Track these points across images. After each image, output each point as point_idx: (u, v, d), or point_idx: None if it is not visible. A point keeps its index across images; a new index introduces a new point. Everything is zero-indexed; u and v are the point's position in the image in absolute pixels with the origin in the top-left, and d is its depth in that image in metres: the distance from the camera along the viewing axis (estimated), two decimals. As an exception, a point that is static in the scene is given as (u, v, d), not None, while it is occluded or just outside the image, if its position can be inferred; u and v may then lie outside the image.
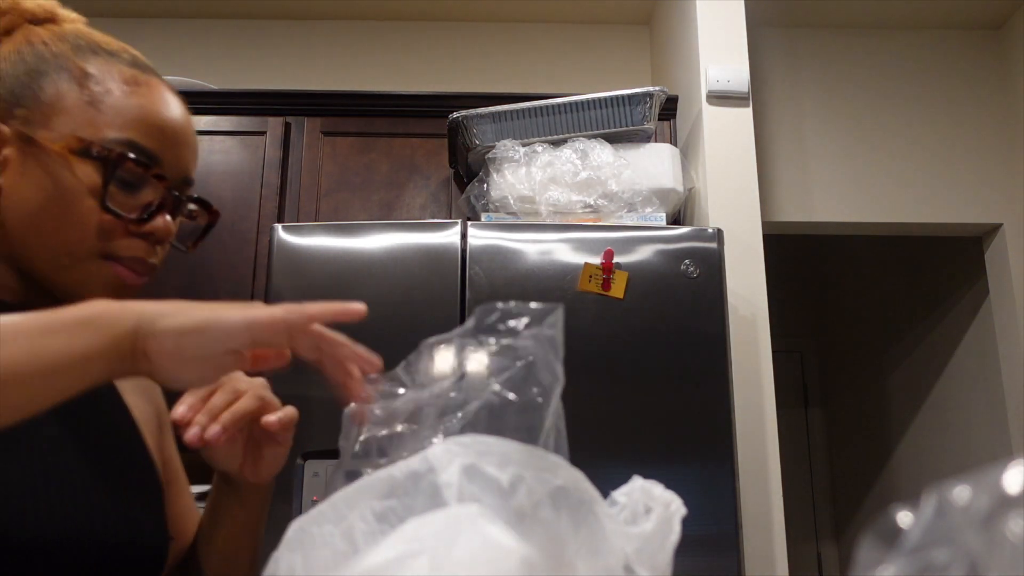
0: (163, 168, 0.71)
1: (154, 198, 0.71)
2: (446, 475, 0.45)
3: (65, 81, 0.70)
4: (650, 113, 2.27)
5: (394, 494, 0.46)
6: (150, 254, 0.72)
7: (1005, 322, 2.95)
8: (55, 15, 0.76)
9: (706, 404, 1.85)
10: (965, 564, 0.27)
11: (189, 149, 0.75)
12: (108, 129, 0.69)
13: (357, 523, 0.46)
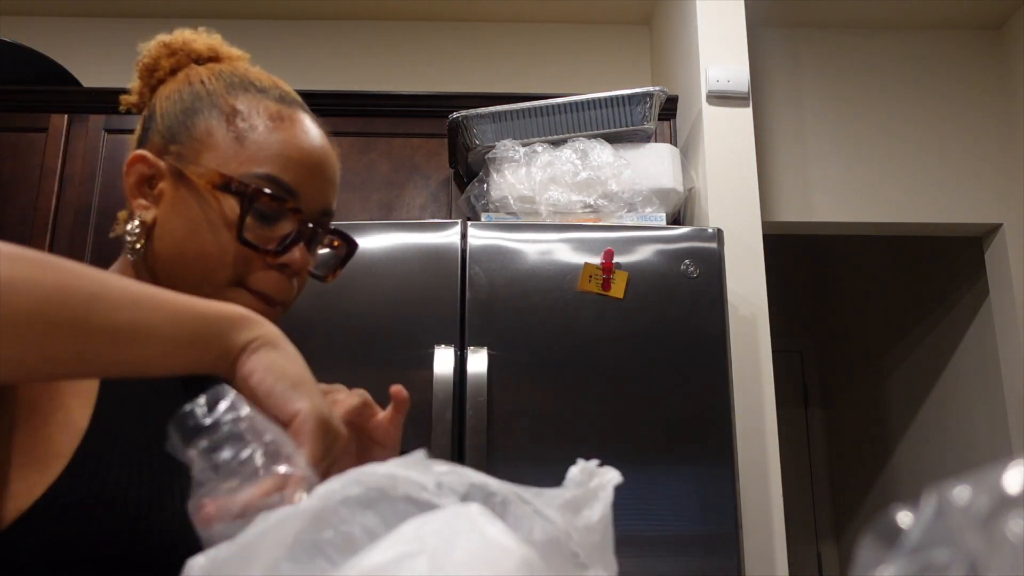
0: (300, 201, 0.73)
1: (291, 230, 0.73)
2: (399, 488, 0.44)
3: (215, 118, 0.74)
4: (650, 113, 2.27)
5: (327, 524, 0.43)
6: (282, 289, 0.74)
7: (1005, 322, 2.95)
8: (218, 53, 0.84)
9: (706, 404, 1.85)
10: (965, 564, 0.27)
11: (328, 181, 0.76)
12: (249, 164, 0.72)
13: (284, 564, 0.42)
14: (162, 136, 0.76)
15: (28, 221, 2.38)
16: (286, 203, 0.72)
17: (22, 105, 2.48)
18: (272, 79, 0.81)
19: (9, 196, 2.41)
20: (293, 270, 0.73)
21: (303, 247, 0.74)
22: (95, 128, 2.45)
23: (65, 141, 2.45)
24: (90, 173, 2.41)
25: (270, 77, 0.82)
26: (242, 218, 0.70)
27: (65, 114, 2.47)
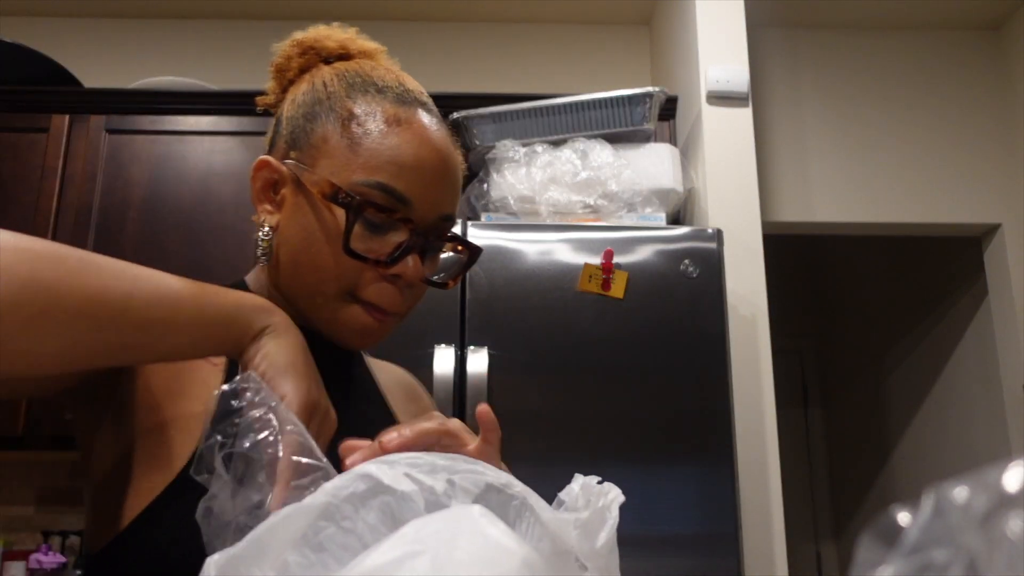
0: (413, 209, 0.71)
1: (403, 240, 0.71)
2: (402, 485, 0.44)
3: (332, 123, 0.73)
4: (650, 113, 2.27)
5: (331, 520, 0.44)
6: (395, 301, 0.72)
7: (1004, 322, 2.95)
8: (349, 50, 0.82)
9: (706, 404, 1.85)
10: (964, 564, 0.27)
11: (445, 187, 0.73)
12: (361, 172, 0.70)
13: (293, 559, 0.43)
14: (285, 141, 0.77)
15: (29, 221, 2.38)
16: (395, 213, 0.70)
17: (23, 105, 2.49)
18: (397, 76, 0.78)
19: (10, 196, 2.41)
20: (406, 280, 0.71)
21: (416, 257, 0.71)
22: (96, 128, 2.45)
23: (66, 141, 2.45)
24: (91, 173, 2.41)
25: (395, 74, 0.79)
26: (348, 229, 0.69)
27: (66, 114, 2.47)
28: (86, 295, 0.53)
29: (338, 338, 0.73)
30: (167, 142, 2.46)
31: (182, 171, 2.43)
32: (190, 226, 2.37)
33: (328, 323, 0.72)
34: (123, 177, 2.42)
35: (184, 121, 2.48)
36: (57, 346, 0.52)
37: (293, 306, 0.73)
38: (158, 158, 2.44)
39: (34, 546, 2.46)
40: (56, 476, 2.60)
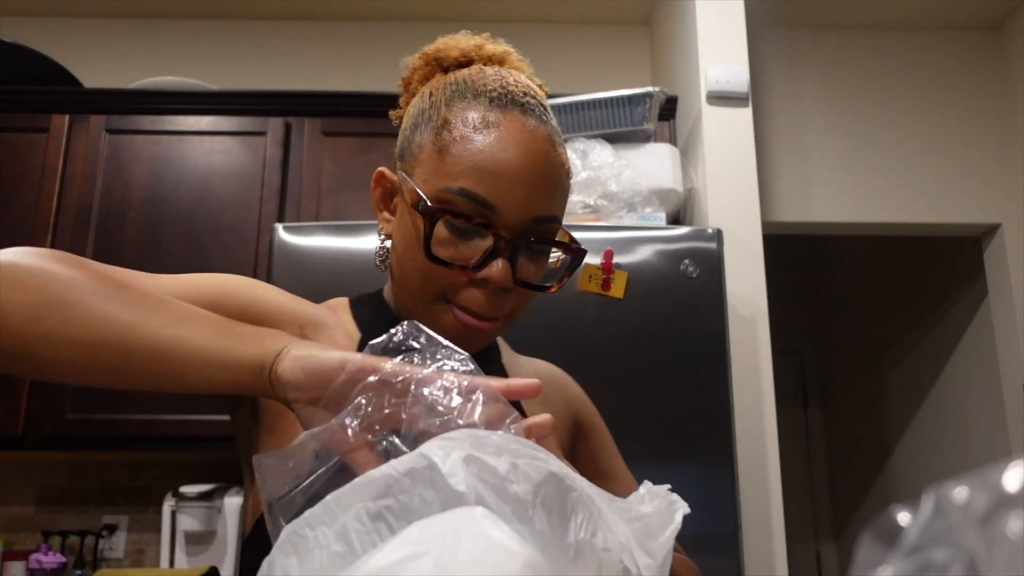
0: (498, 213, 0.70)
1: (490, 244, 0.70)
2: (448, 466, 0.45)
3: (428, 132, 0.73)
4: (650, 113, 2.27)
5: (390, 493, 0.46)
6: (487, 305, 0.72)
7: (1004, 322, 2.95)
8: (471, 58, 0.79)
9: (706, 404, 1.85)
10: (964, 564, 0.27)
11: (535, 189, 0.71)
12: (447, 179, 0.70)
13: (352, 524, 0.45)
14: (398, 152, 0.78)
15: (29, 221, 2.38)
16: (472, 220, 0.69)
17: (23, 105, 2.49)
18: (501, 79, 0.75)
19: (10, 196, 2.41)
20: (494, 285, 0.70)
21: (504, 261, 0.70)
22: (96, 128, 2.46)
23: (66, 141, 2.45)
24: (91, 173, 2.41)
25: (500, 77, 0.75)
26: (427, 236, 0.69)
27: (66, 114, 2.47)
28: (92, 318, 0.57)
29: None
30: (167, 142, 2.46)
31: (182, 171, 2.43)
32: (190, 226, 2.37)
33: (430, 327, 0.72)
34: (123, 177, 2.42)
35: (184, 121, 2.48)
36: (70, 359, 0.56)
37: (411, 316, 0.75)
38: (158, 158, 2.44)
39: (34, 546, 2.46)
40: (56, 476, 2.60)
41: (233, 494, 2.32)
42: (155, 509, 2.53)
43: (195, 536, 2.28)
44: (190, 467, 2.58)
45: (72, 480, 2.60)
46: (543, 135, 0.73)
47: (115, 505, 2.58)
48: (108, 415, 2.25)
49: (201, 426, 2.24)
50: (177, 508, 2.27)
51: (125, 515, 2.57)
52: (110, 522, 2.55)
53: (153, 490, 2.58)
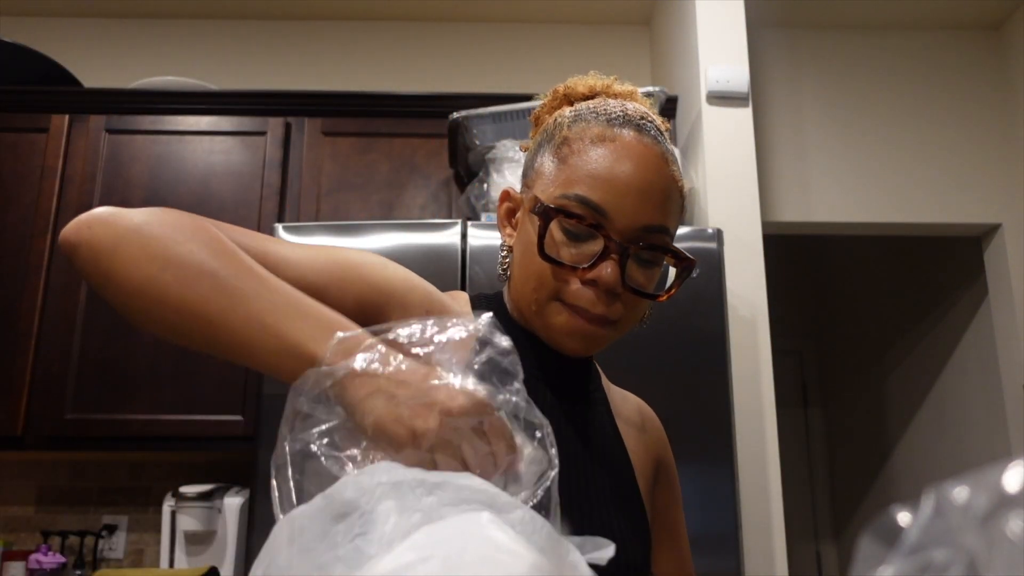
0: (610, 219, 0.74)
1: (601, 248, 0.75)
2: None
3: (550, 151, 0.80)
4: (650, 113, 2.27)
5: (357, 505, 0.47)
6: (596, 304, 0.75)
7: (1004, 322, 2.95)
8: (596, 92, 0.88)
9: (706, 404, 1.85)
10: (964, 564, 0.27)
11: (646, 198, 0.75)
12: (564, 187, 0.76)
13: (339, 526, 0.46)
14: (522, 175, 0.85)
15: (29, 221, 2.38)
16: (585, 220, 0.74)
17: (23, 105, 2.49)
18: (623, 106, 0.82)
19: (10, 196, 2.41)
20: (604, 286, 0.74)
21: (614, 263, 0.74)
22: (96, 128, 2.46)
23: (66, 141, 2.45)
24: (91, 173, 2.41)
25: (622, 105, 0.82)
26: (541, 236, 0.75)
27: (66, 114, 2.47)
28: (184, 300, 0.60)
29: (555, 342, 0.79)
30: (167, 142, 2.46)
31: (182, 171, 2.43)
32: (190, 226, 2.37)
33: (544, 328, 0.79)
34: (123, 177, 2.42)
35: (184, 121, 2.48)
36: (168, 327, 0.61)
37: (525, 320, 0.81)
38: (158, 158, 2.44)
39: (34, 546, 2.46)
40: (56, 476, 2.60)
41: (233, 494, 2.32)
42: (155, 509, 2.53)
43: (195, 536, 2.28)
44: (190, 467, 2.57)
45: (72, 480, 2.60)
46: (657, 152, 0.78)
47: (115, 505, 2.58)
48: (108, 415, 2.24)
49: (201, 426, 2.24)
50: (177, 508, 2.27)
51: (125, 515, 2.57)
52: (110, 522, 2.55)
53: (153, 490, 2.58)
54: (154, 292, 0.60)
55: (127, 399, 2.25)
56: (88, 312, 2.32)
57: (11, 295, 2.33)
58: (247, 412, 2.23)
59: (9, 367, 2.27)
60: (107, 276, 0.63)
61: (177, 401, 2.23)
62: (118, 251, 0.62)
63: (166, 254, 0.61)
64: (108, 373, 2.27)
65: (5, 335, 2.30)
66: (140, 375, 2.27)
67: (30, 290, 2.33)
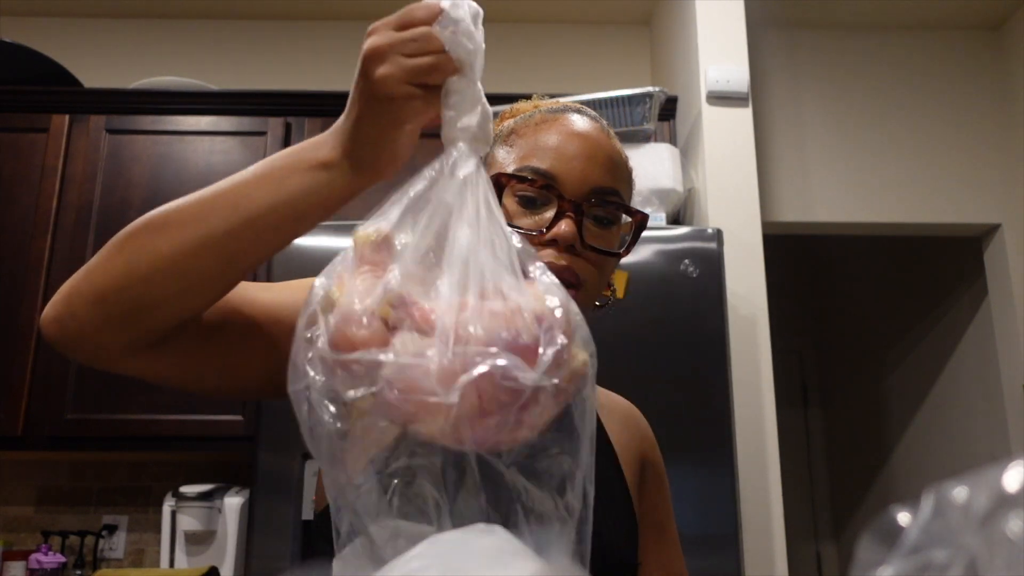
0: (560, 182, 0.78)
1: (555, 209, 0.78)
2: None
3: (500, 145, 0.84)
4: (650, 113, 2.27)
5: None
6: (559, 258, 0.78)
7: (1004, 322, 2.95)
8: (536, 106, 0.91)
9: (706, 404, 1.85)
10: (964, 564, 0.27)
11: (591, 161, 0.80)
12: (514, 165, 0.80)
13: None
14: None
15: (29, 221, 2.38)
16: (536, 184, 0.78)
17: (23, 105, 2.49)
18: (562, 102, 0.88)
19: (10, 196, 2.41)
20: (563, 241, 0.77)
21: (570, 220, 0.77)
22: (96, 128, 2.46)
23: (66, 141, 2.45)
24: (91, 173, 2.41)
25: (560, 102, 0.89)
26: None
27: (66, 114, 2.47)
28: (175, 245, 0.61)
29: None
30: (167, 142, 2.46)
31: (182, 171, 2.43)
32: (190, 226, 2.37)
33: None
34: (123, 177, 2.42)
35: (184, 121, 2.48)
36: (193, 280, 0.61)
37: None
38: (158, 158, 2.44)
39: (34, 546, 2.46)
40: (56, 476, 2.60)
41: (233, 494, 2.32)
42: (155, 509, 2.53)
43: (195, 536, 2.28)
44: (190, 467, 2.57)
45: (72, 480, 2.60)
46: (599, 126, 0.84)
47: (115, 505, 2.58)
48: (108, 415, 2.24)
49: (201, 426, 2.24)
50: (177, 508, 2.27)
51: (125, 515, 2.57)
52: (110, 522, 2.55)
53: (153, 490, 2.58)
54: (149, 270, 0.60)
55: (127, 399, 2.25)
56: (88, 312, 2.32)
57: (11, 295, 2.33)
58: (247, 412, 2.23)
59: (9, 367, 2.27)
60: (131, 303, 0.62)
61: (177, 401, 2.23)
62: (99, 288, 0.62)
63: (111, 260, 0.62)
64: (108, 373, 2.27)
65: (5, 335, 2.30)
66: (140, 375, 2.27)
67: (30, 290, 2.33)
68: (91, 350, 0.64)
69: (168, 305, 0.61)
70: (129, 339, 0.63)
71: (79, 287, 0.62)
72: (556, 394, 0.48)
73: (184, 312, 0.63)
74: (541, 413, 0.48)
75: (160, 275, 0.60)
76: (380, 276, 0.53)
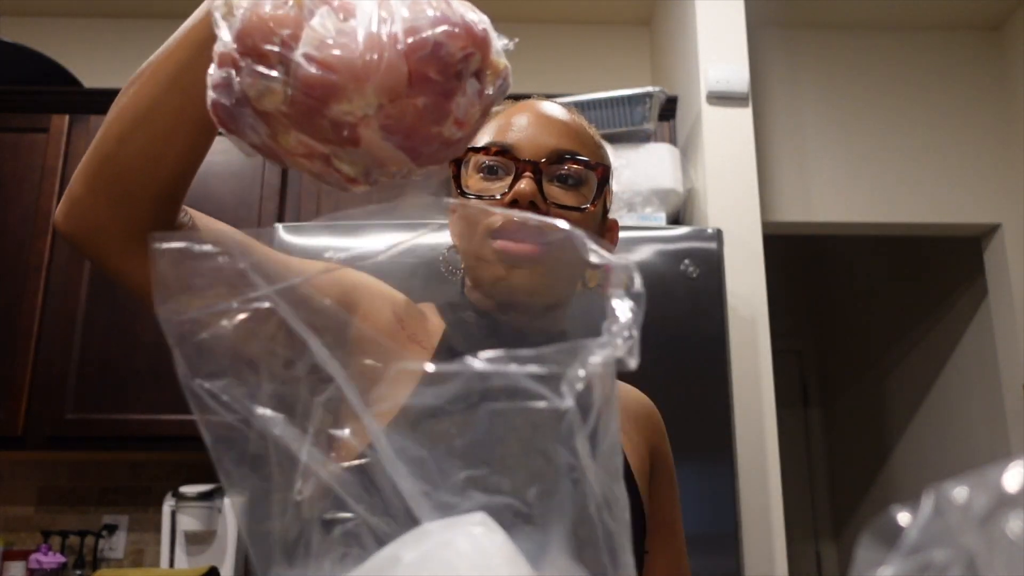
0: (517, 149, 0.81)
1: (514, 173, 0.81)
2: None
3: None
4: (650, 113, 2.27)
5: None
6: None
7: (1004, 322, 2.95)
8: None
9: (706, 404, 1.85)
10: (964, 564, 0.27)
11: (551, 126, 0.82)
12: (475, 143, 0.82)
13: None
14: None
15: (29, 221, 2.38)
16: (491, 150, 0.81)
17: (23, 105, 2.49)
18: (512, 102, 0.89)
19: (10, 196, 2.41)
20: (523, 199, 0.78)
21: (528, 179, 0.79)
22: (96, 128, 2.45)
23: (66, 141, 2.45)
24: (90, 173, 2.41)
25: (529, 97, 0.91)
26: (456, 176, 0.82)
27: (66, 114, 2.47)
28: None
29: (501, 286, 0.79)
30: (167, 142, 2.46)
31: (182, 171, 2.43)
32: (190, 226, 2.37)
33: (489, 275, 0.79)
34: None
35: (184, 121, 2.48)
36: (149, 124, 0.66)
37: (484, 298, 0.83)
38: (158, 158, 2.44)
39: (34, 546, 2.46)
40: (56, 476, 2.60)
41: (233, 494, 2.32)
42: (155, 509, 2.53)
43: (195, 536, 2.28)
44: (190, 467, 2.57)
45: (72, 480, 2.60)
46: (560, 107, 0.86)
47: (115, 505, 2.58)
48: (108, 415, 2.24)
49: (201, 426, 2.24)
50: (177, 508, 2.27)
51: (125, 515, 2.57)
52: (110, 522, 2.55)
53: (153, 490, 2.58)
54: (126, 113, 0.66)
55: (127, 399, 2.25)
56: (88, 312, 2.32)
57: (11, 295, 2.33)
58: (247, 412, 2.23)
59: (9, 367, 2.27)
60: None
61: (177, 401, 2.22)
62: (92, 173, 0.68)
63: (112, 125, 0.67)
64: (108, 373, 2.27)
65: (5, 335, 2.30)
66: (140, 375, 2.27)
67: (30, 290, 2.33)
68: (93, 235, 0.67)
69: (142, 162, 0.65)
70: (123, 218, 0.66)
71: (76, 172, 0.68)
72: (480, 94, 0.47)
73: (160, 171, 0.66)
74: (468, 108, 0.47)
75: (127, 130, 0.64)
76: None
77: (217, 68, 0.45)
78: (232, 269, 0.48)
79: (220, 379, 0.47)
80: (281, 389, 0.50)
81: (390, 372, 0.67)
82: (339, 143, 0.46)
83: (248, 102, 0.45)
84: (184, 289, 0.49)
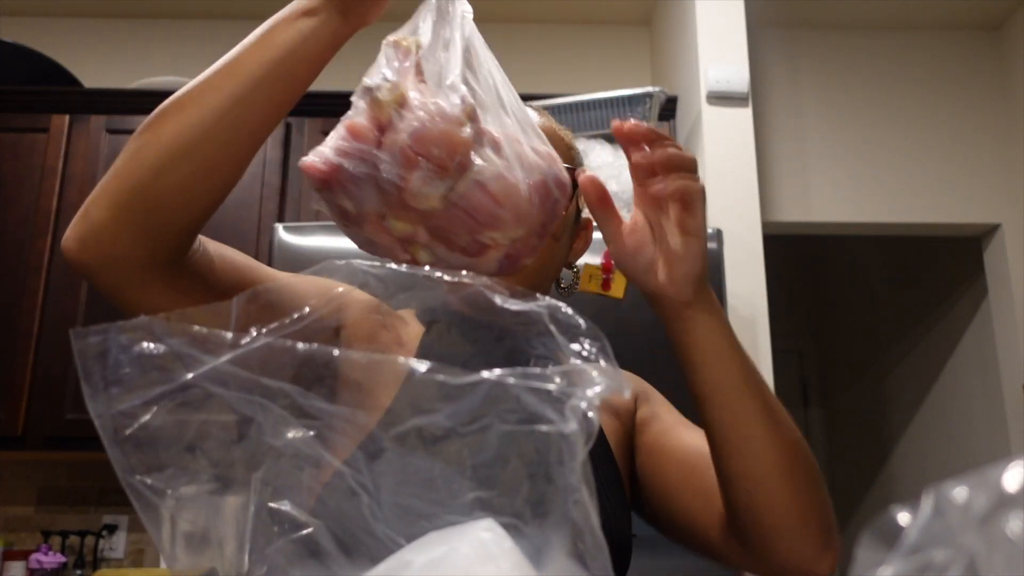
0: None
1: None
2: None
3: None
4: (650, 113, 2.27)
5: None
6: None
7: (1004, 322, 2.95)
8: None
9: (706, 404, 1.85)
10: (964, 564, 0.27)
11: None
12: None
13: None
14: None
15: (30, 221, 2.38)
16: None
17: (23, 105, 2.49)
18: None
19: (11, 196, 2.41)
20: None
21: None
22: (96, 128, 2.45)
23: (66, 141, 2.45)
24: (91, 173, 2.41)
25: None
26: None
27: (66, 114, 2.47)
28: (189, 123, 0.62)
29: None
30: (167, 142, 2.46)
31: (182, 171, 2.43)
32: (190, 226, 2.37)
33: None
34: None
35: (184, 121, 2.48)
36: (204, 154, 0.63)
37: (457, 296, 0.82)
38: (158, 158, 2.44)
39: (34, 546, 2.46)
40: (56, 476, 2.60)
41: (233, 494, 2.32)
42: (155, 509, 2.53)
43: (195, 536, 2.28)
44: (190, 467, 2.57)
45: (72, 480, 2.60)
46: (530, 108, 0.86)
47: (115, 505, 2.58)
48: (108, 415, 2.24)
49: (201, 426, 2.24)
50: (177, 508, 2.27)
51: (125, 515, 2.57)
52: (110, 522, 2.55)
53: (153, 490, 2.58)
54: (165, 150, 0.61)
55: (127, 399, 2.25)
56: (88, 312, 2.32)
57: (11, 295, 2.33)
58: (247, 412, 2.23)
59: (9, 367, 2.27)
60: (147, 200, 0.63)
61: (177, 401, 2.23)
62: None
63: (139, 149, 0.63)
64: (108, 373, 2.27)
65: (5, 335, 2.30)
66: (140, 375, 2.27)
67: (30, 290, 2.33)
68: (111, 265, 0.63)
69: (179, 196, 0.61)
70: (146, 249, 0.62)
71: (96, 197, 0.64)
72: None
73: (195, 206, 0.63)
74: None
75: (167, 162, 0.60)
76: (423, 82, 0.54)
77: (352, 139, 0.50)
78: (160, 353, 0.47)
79: (160, 471, 0.46)
80: (222, 472, 0.49)
81: (385, 374, 0.67)
82: (467, 255, 0.53)
83: (374, 181, 0.50)
84: (113, 382, 0.48)
